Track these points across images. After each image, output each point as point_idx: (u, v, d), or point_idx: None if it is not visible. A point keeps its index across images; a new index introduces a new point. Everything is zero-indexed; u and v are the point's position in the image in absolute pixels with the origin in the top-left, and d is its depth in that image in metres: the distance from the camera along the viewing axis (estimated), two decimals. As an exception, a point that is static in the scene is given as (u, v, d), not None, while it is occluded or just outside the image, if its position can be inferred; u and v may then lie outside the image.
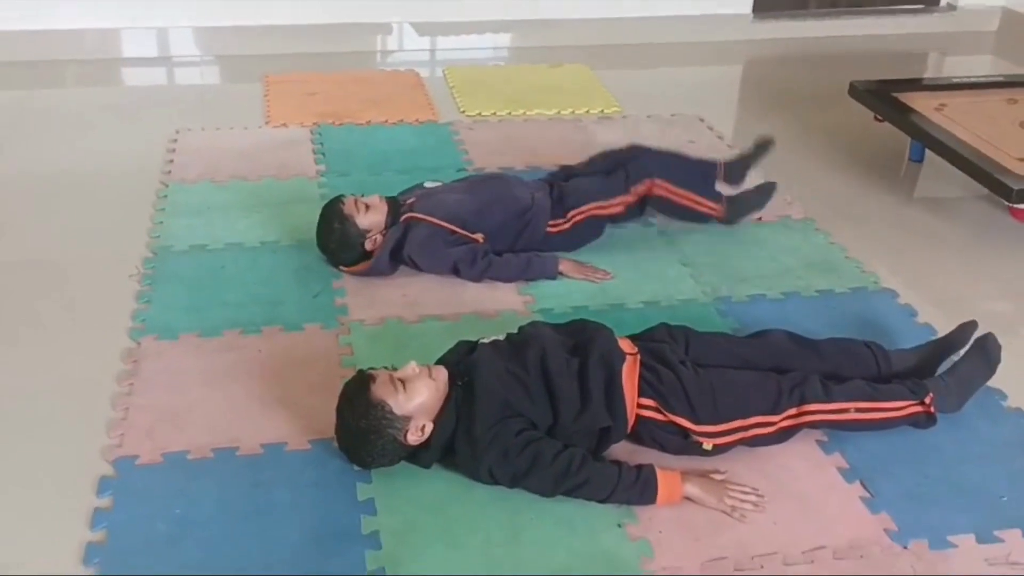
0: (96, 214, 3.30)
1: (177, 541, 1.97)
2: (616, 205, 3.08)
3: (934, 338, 2.57)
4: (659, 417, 2.17)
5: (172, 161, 3.68)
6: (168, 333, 2.63)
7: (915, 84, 3.90)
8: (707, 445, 2.17)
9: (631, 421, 2.17)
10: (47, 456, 2.21)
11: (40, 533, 2.00)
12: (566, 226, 3.03)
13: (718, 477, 2.14)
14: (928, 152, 3.78)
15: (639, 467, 2.08)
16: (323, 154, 3.78)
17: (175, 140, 3.86)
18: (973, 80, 3.95)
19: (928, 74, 5.25)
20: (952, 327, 2.74)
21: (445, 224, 2.91)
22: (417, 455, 2.15)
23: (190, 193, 3.40)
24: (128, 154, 3.76)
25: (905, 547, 2.01)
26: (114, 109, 4.26)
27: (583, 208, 3.04)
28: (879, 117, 3.83)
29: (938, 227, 3.40)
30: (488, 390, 2.12)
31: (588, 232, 3.07)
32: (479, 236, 2.97)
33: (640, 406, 2.17)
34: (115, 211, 3.32)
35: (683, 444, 2.18)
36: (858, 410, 2.23)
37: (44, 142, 3.87)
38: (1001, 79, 3.98)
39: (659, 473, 2.08)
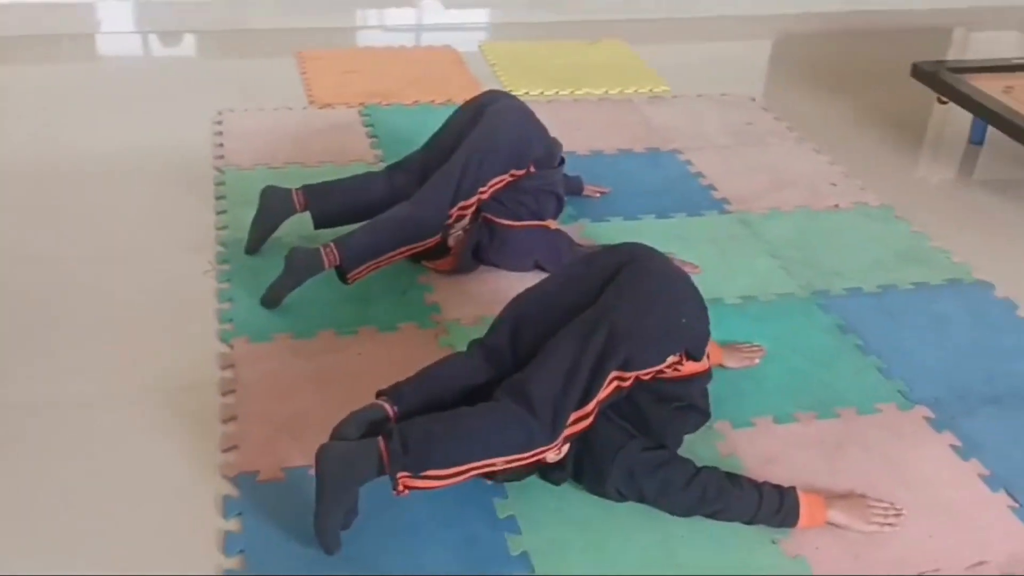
0: (154, 203, 3.15)
1: (318, 563, 1.87)
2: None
3: None
4: None
5: (222, 145, 3.53)
6: (260, 335, 2.52)
7: (978, 65, 3.83)
8: None
9: None
10: (162, 475, 2.09)
11: (173, 560, 1.89)
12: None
13: (857, 495, 2.07)
14: (988, 134, 3.74)
15: (781, 493, 2.00)
16: (377, 136, 3.65)
17: (219, 122, 3.71)
18: (1034, 61, 3.90)
19: (955, 49, 5.22)
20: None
21: (518, 224, 2.81)
22: (550, 473, 2.07)
23: (249, 180, 3.24)
24: (171, 137, 3.60)
25: (1065, 560, 1.97)
26: (144, 85, 4.09)
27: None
28: (943, 99, 3.77)
29: (1012, 212, 3.35)
30: (604, 413, 2.04)
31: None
32: (550, 222, 2.88)
33: None
34: (173, 200, 3.17)
35: None
36: None
37: (77, 123, 3.70)
38: (1061, 60, 3.93)
39: (802, 497, 2.00)
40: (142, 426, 2.22)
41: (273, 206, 2.84)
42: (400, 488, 1.87)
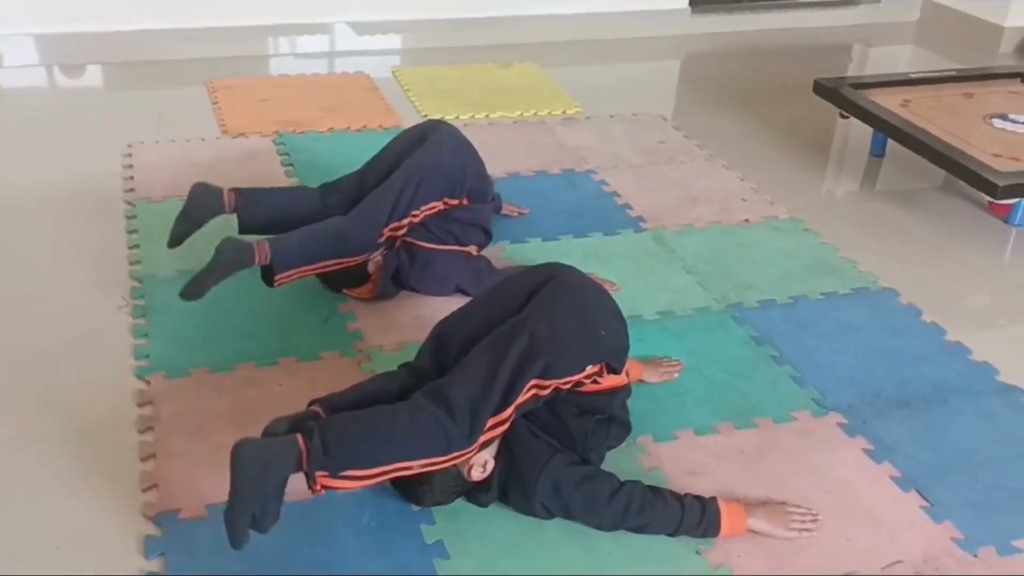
0: (63, 238, 3.08)
1: (244, 602, 1.85)
2: None
3: None
4: None
5: (132, 178, 3.47)
6: (177, 370, 2.48)
7: (877, 80, 3.97)
8: None
9: None
10: (80, 517, 2.04)
11: (91, 604, 1.85)
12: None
13: (777, 502, 2.12)
14: (888, 147, 3.88)
15: (703, 504, 2.04)
16: (292, 165, 3.62)
17: (129, 155, 3.64)
18: (928, 75, 4.05)
19: (855, 64, 5.40)
20: (954, 325, 2.80)
21: (440, 248, 2.82)
22: (476, 494, 2.07)
23: (161, 213, 3.18)
24: (79, 170, 3.51)
25: (975, 556, 2.04)
26: (49, 119, 4.00)
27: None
28: (845, 114, 3.90)
29: (913, 222, 3.47)
30: (529, 429, 2.07)
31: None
32: (472, 248, 2.90)
33: None
34: (83, 234, 3.10)
35: None
36: None
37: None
38: (954, 73, 4.09)
39: (723, 506, 2.04)
40: (58, 468, 2.16)
41: (202, 201, 2.75)
42: (317, 487, 1.85)
